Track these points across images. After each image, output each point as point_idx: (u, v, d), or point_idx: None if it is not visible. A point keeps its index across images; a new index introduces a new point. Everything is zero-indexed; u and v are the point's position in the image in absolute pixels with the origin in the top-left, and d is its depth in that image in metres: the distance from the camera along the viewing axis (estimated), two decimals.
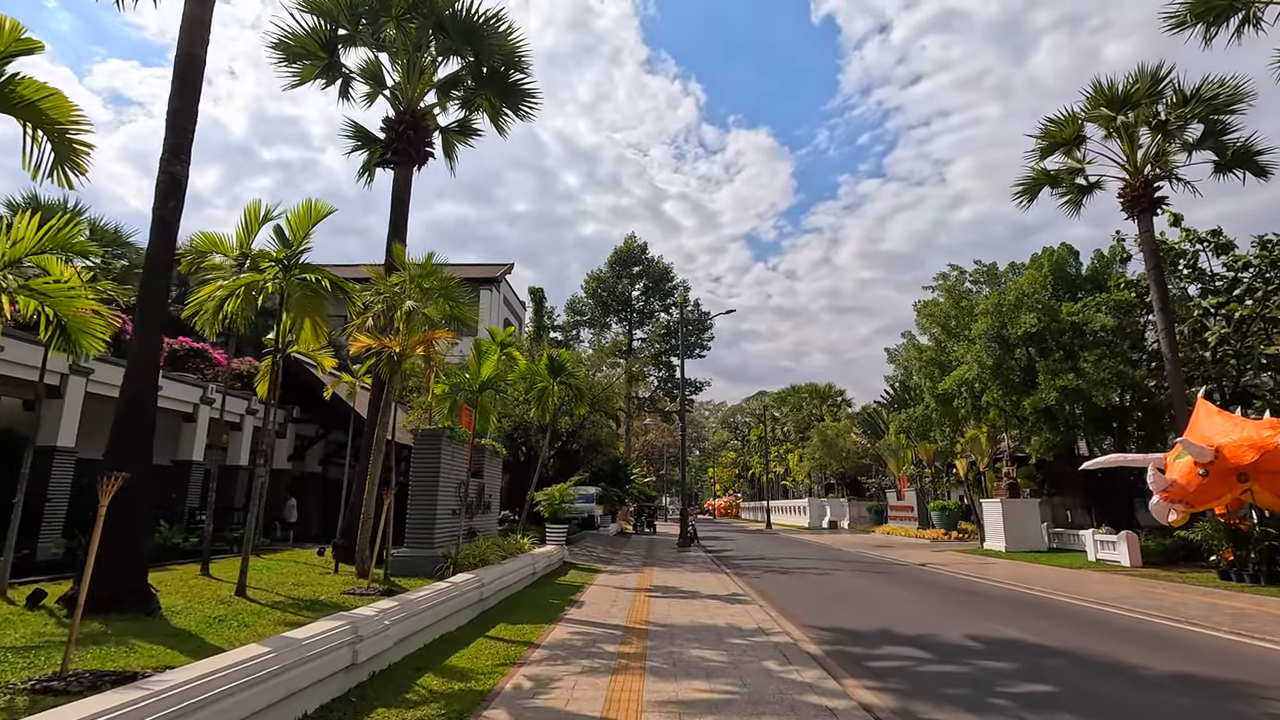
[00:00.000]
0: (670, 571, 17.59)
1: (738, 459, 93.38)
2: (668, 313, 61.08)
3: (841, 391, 64.19)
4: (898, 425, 28.98)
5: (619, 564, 19.66)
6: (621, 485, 42.82)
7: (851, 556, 24.34)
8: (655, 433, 75.63)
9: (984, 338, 21.66)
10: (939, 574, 18.02)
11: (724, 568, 19.26)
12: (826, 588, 15.07)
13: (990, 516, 25.62)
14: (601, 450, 28.13)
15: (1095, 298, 22.03)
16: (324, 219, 9.47)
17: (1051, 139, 21.15)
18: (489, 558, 11.86)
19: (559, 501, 18.33)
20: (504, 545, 13.56)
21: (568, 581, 14.83)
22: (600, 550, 23.83)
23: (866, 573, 18.34)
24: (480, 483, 14.27)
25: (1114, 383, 19.53)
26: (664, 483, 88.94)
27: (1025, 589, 14.65)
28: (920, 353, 25.70)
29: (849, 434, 50.69)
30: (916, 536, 34.76)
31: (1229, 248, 22.56)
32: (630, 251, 61.53)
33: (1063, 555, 22.41)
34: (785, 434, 66.02)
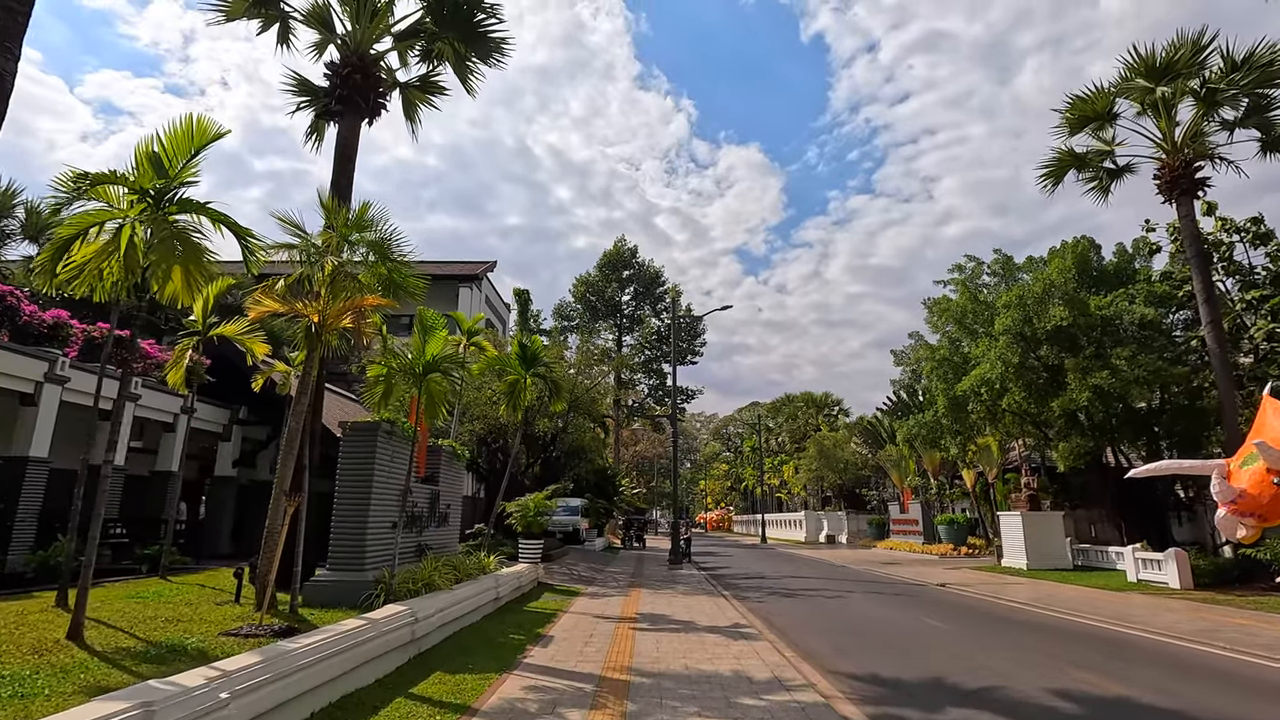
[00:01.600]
0: (660, 594, 15.30)
1: (730, 470, 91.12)
2: (658, 318, 58.91)
3: (839, 401, 62.17)
4: (905, 432, 26.85)
5: (602, 584, 17.34)
6: (609, 497, 40.39)
7: (859, 575, 22.09)
8: (645, 443, 73.20)
9: (1008, 333, 19.60)
10: (967, 597, 15.81)
11: (721, 589, 16.98)
12: (844, 616, 12.82)
13: (1009, 531, 23.47)
14: (585, 458, 25.79)
15: (1127, 289, 20.06)
16: (211, 143, 7.25)
17: (1081, 113, 19.23)
18: (436, 582, 9.56)
19: (534, 513, 16.04)
20: (460, 565, 11.25)
21: (539, 608, 12.51)
22: (583, 568, 21.48)
23: (884, 595, 16.10)
24: (434, 490, 11.99)
25: (1152, 381, 17.49)
26: (654, 495, 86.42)
27: (1077, 617, 12.45)
28: (933, 352, 23.62)
29: (848, 444, 48.55)
30: (923, 552, 32.56)
31: (1269, 237, 20.68)
32: (620, 255, 59.45)
33: (1092, 574, 20.26)
34: (780, 444, 63.85)
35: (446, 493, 12.88)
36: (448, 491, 12.95)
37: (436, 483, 12.35)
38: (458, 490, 13.63)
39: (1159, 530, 21.91)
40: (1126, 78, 19.00)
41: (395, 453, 9.89)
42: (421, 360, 9.06)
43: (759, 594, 16.27)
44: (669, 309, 58.40)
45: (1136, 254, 23.64)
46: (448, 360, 9.25)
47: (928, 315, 26.06)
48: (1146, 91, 18.52)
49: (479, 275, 35.55)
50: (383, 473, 9.62)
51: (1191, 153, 18.69)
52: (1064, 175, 20.76)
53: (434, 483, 12.31)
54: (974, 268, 23.35)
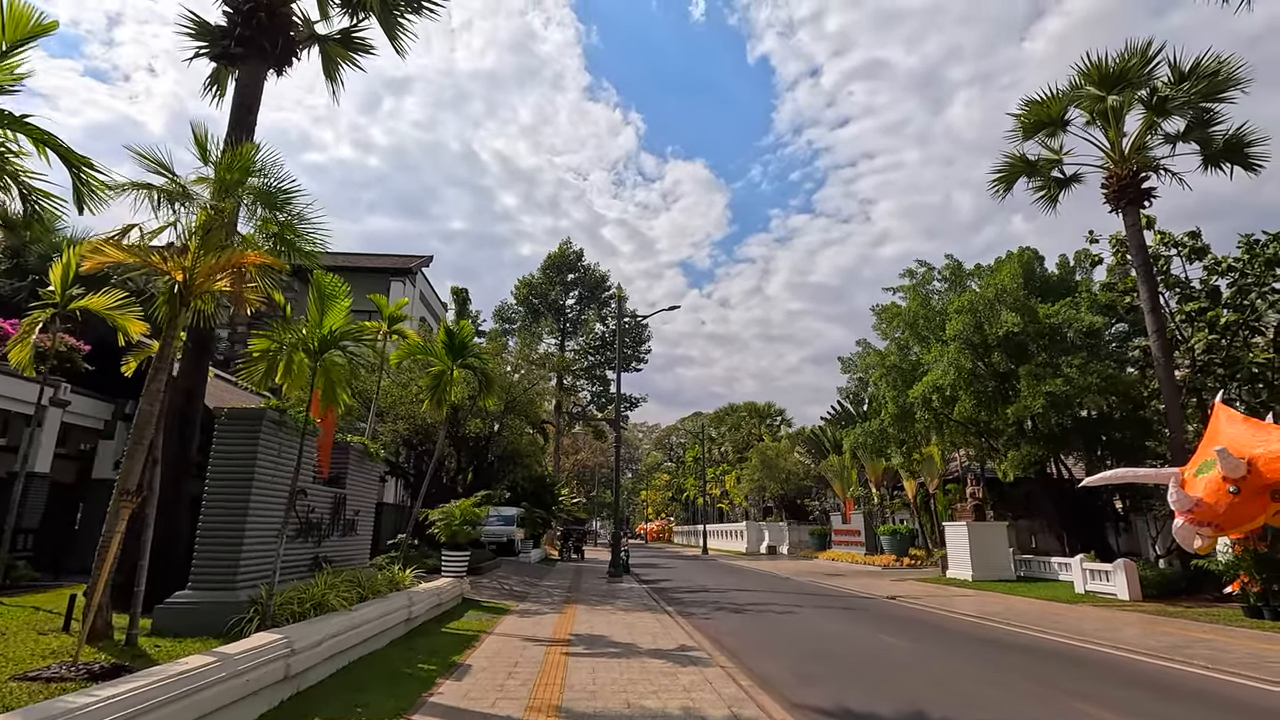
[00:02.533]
0: (598, 611, 13.93)
1: (672, 481, 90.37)
2: (603, 323, 57.58)
3: (781, 411, 62.20)
4: (851, 440, 26.34)
5: (536, 600, 15.84)
6: (547, 506, 38.66)
7: (805, 587, 21.25)
8: (587, 451, 71.54)
9: (959, 339, 19.21)
10: (920, 611, 15.05)
11: (664, 605, 15.74)
12: (799, 634, 11.76)
13: (955, 542, 23.12)
14: (522, 464, 24.17)
15: (1072, 299, 20.00)
16: (36, 38, 5.62)
17: (1037, 117, 19.08)
18: (330, 602, 7.97)
19: (460, 521, 14.44)
20: (367, 581, 9.64)
21: (460, 629, 10.98)
22: (515, 582, 19.88)
23: (835, 609, 15.19)
24: (338, 494, 10.34)
25: (1105, 388, 17.30)
26: (595, 505, 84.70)
27: (1039, 632, 11.75)
28: (882, 358, 23.16)
29: (790, 454, 48.27)
30: (865, 563, 32.18)
31: (1205, 252, 21.03)
32: (565, 257, 57.95)
33: (1036, 585, 19.97)
34: (723, 454, 63.35)
35: (356, 497, 11.20)
36: (357, 496, 11.28)
37: (343, 485, 10.69)
38: (371, 495, 11.96)
39: (1099, 541, 21.92)
40: (1078, 85, 18.98)
41: (285, 447, 8.25)
42: (317, 334, 7.51)
43: (705, 609, 15.11)
44: (614, 314, 57.30)
45: (1078, 266, 23.83)
46: (349, 336, 7.72)
47: (876, 322, 25.71)
48: (1097, 99, 18.51)
49: (413, 269, 33.44)
50: (267, 470, 7.98)
51: (1137, 164, 18.76)
52: (1015, 181, 20.63)
53: (339, 485, 10.65)
54: (925, 273, 23.06)
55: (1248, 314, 18.99)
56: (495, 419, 20.46)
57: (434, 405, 13.23)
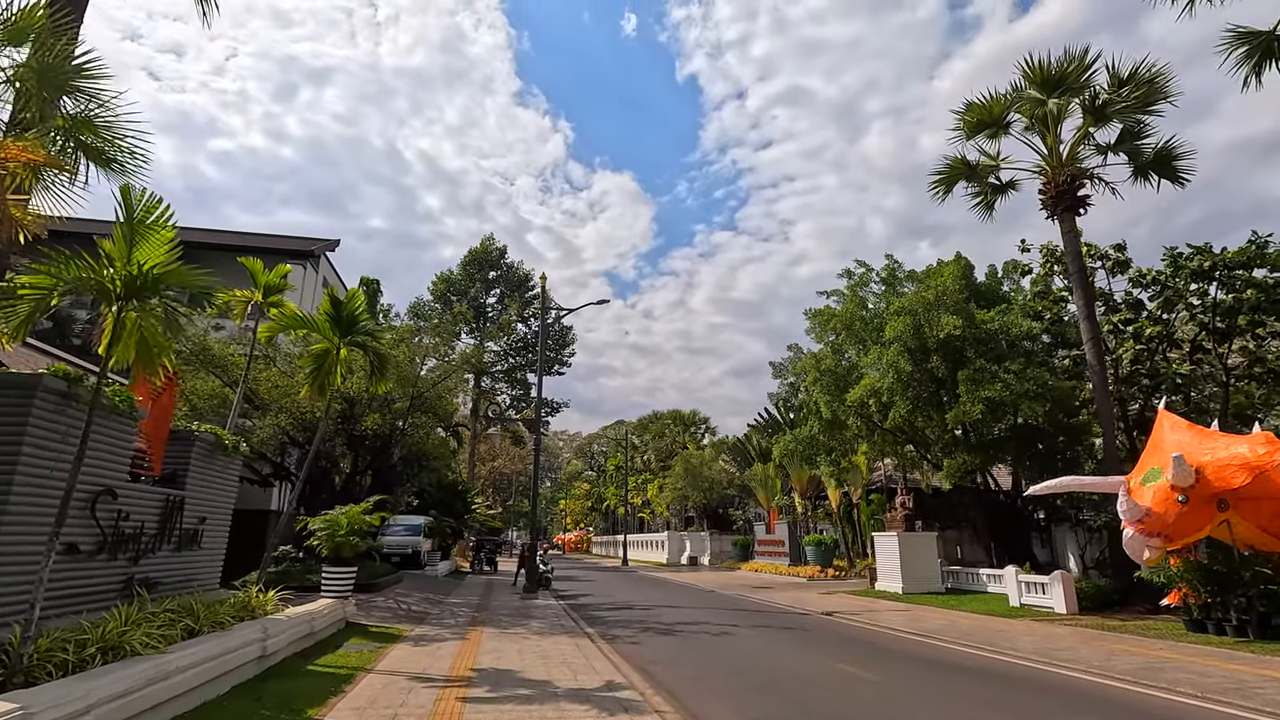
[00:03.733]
0: (509, 636, 12.00)
1: (592, 490, 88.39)
2: (525, 324, 55.17)
3: (706, 419, 61.56)
4: (782, 448, 25.43)
5: (436, 621, 13.71)
6: (459, 515, 36.03)
7: (735, 602, 19.95)
8: (504, 458, 68.62)
9: (899, 341, 18.48)
10: (863, 630, 13.92)
11: (584, 625, 13.96)
12: (741, 661, 10.26)
13: (885, 552, 22.46)
14: (430, 467, 21.77)
15: (1008, 305, 19.73)
16: None
17: (979, 117, 18.70)
18: (129, 644, 5.79)
19: (346, 531, 12.17)
20: (203, 610, 7.42)
21: (332, 666, 8.83)
22: (416, 599, 17.57)
23: (773, 629, 13.85)
24: (170, 496, 8.03)
25: (1042, 395, 16.88)
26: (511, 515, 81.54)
27: (999, 655, 10.74)
28: (816, 361, 22.30)
29: (715, 462, 47.42)
30: (790, 574, 31.40)
31: (1128, 265, 21.31)
32: (487, 254, 55.29)
33: (966, 598, 19.45)
34: (646, 463, 62.04)
35: (200, 501, 8.87)
36: (203, 500, 8.94)
37: (181, 485, 8.37)
38: (224, 499, 9.61)
39: (1026, 551, 21.74)
40: (1019, 89, 18.76)
41: (68, 430, 6.01)
42: (122, 270, 5.36)
43: (630, 631, 13.43)
44: (537, 312, 55.00)
45: (1006, 275, 23.82)
46: (176, 281, 5.59)
47: (809, 325, 24.89)
48: (1038, 103, 18.29)
49: (314, 252, 30.24)
50: (41, 459, 5.74)
51: (1072, 172, 18.66)
52: (955, 184, 20.25)
53: (176, 485, 8.34)
54: (863, 274, 22.41)
55: (1169, 326, 19.22)
56: (399, 416, 18.11)
57: (315, 391, 10.98)
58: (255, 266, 11.68)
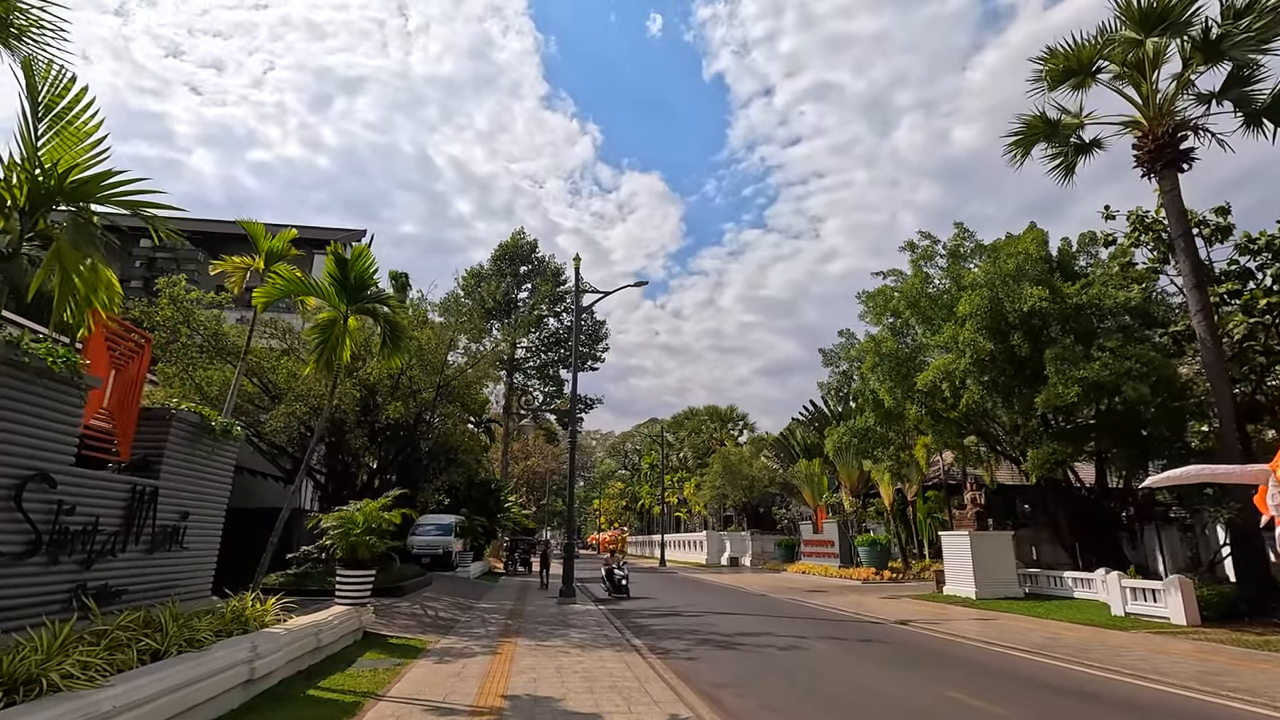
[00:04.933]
0: (546, 649, 10.45)
1: (626, 489, 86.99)
2: (557, 318, 53.89)
3: (744, 416, 59.51)
4: (835, 440, 23.48)
5: (464, 632, 12.24)
6: (491, 514, 34.79)
7: (790, 608, 18.16)
8: (537, 457, 67.45)
9: (975, 317, 16.48)
10: (949, 641, 12.04)
11: (630, 635, 12.35)
12: (825, 685, 8.53)
13: (954, 553, 20.42)
14: (459, 461, 20.38)
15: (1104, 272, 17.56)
16: None
17: (1064, 64, 16.57)
18: (48, 675, 4.35)
19: (362, 530, 10.77)
20: (173, 626, 6.00)
21: (337, 690, 7.37)
22: (444, 604, 16.17)
23: (846, 641, 12.06)
24: (140, 486, 6.64)
25: (1145, 375, 14.76)
26: (545, 514, 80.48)
27: (1136, 679, 8.81)
28: (876, 345, 20.32)
29: (755, 459, 45.44)
30: (842, 576, 29.39)
31: (1230, 231, 18.93)
32: (518, 248, 54.14)
33: (1052, 604, 17.34)
34: (682, 460, 60.28)
35: (182, 493, 7.48)
36: (186, 491, 7.55)
37: (155, 474, 7.00)
38: (216, 491, 8.22)
39: (1114, 552, 19.51)
40: (1108, 31, 16.59)
41: None
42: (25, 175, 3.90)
43: (683, 643, 11.77)
44: (570, 310, 53.69)
45: (1082, 250, 21.51)
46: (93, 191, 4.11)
47: (863, 308, 22.94)
48: (1133, 44, 16.10)
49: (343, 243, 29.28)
50: None
51: (1172, 124, 16.45)
52: (1033, 144, 18.09)
53: (149, 473, 6.96)
54: (926, 247, 20.34)
55: None
56: (425, 407, 16.72)
57: (322, 367, 9.59)
58: (256, 230, 10.35)
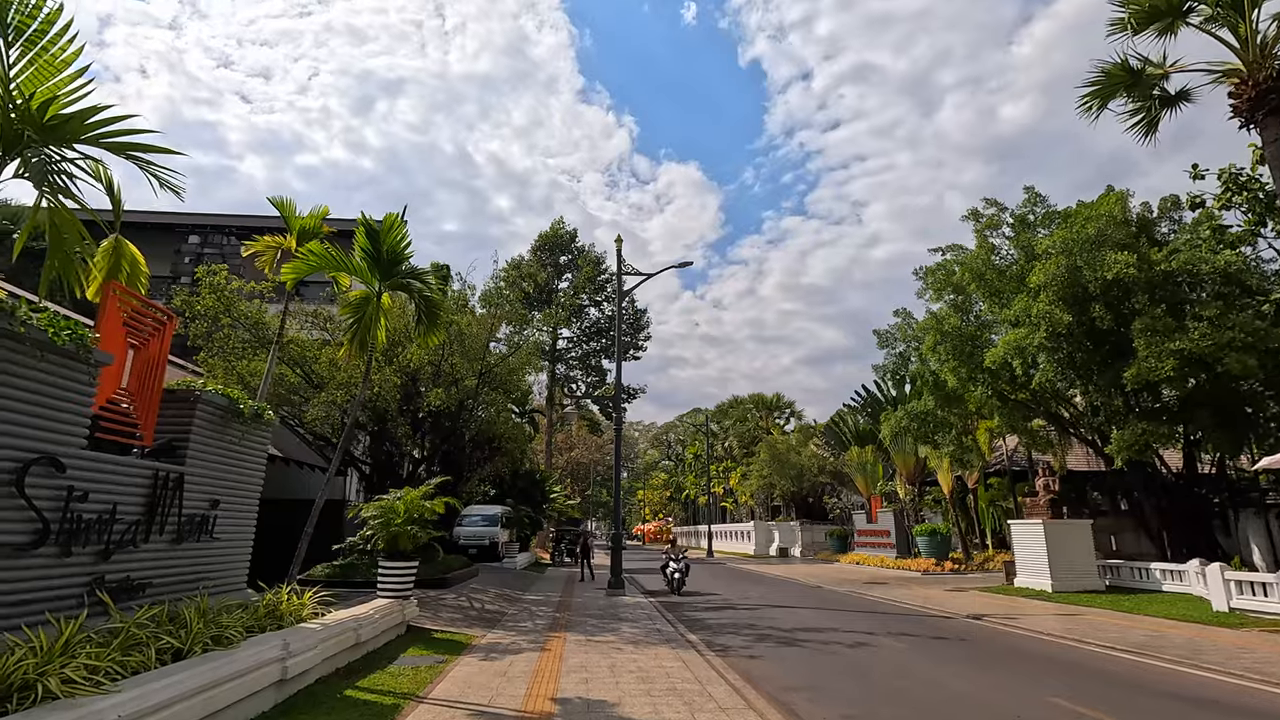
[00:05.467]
0: (597, 644, 9.83)
1: (670, 480, 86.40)
2: (598, 308, 53.42)
3: (790, 403, 58.06)
4: (893, 425, 22.30)
5: (511, 626, 11.73)
6: (537, 504, 34.60)
7: (849, 600, 17.22)
8: (581, 448, 67.41)
9: (1051, 287, 15.17)
10: (1035, 639, 10.99)
11: (684, 630, 11.66)
12: (910, 689, 7.68)
13: (1026, 543, 19.11)
14: (503, 450, 19.96)
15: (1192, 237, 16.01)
16: None
17: (1150, 5, 15.05)
18: (47, 685, 3.86)
19: (403, 520, 10.33)
20: (198, 622, 5.54)
21: (376, 690, 6.87)
22: (490, 596, 15.76)
23: (920, 638, 11.12)
24: (163, 472, 6.20)
25: (1252, 346, 13.31)
26: (590, 505, 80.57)
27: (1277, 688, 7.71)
28: (938, 322, 19.08)
29: (804, 447, 44.20)
30: (899, 567, 28.17)
31: None
32: (558, 237, 53.82)
33: (1140, 598, 15.98)
34: (727, 449, 59.29)
35: (210, 480, 7.06)
36: (215, 478, 7.12)
37: (181, 459, 6.57)
38: (248, 479, 7.78)
39: (1207, 543, 17.98)
40: None
41: None
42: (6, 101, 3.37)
43: (742, 639, 11.01)
44: (611, 299, 53.16)
45: (1163, 215, 19.79)
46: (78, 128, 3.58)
47: (921, 285, 21.63)
48: None
49: None
50: None
51: (1274, 69, 14.79)
52: (1112, 96, 16.50)
53: (174, 459, 6.54)
54: (993, 215, 18.93)
55: None
56: (468, 395, 16.28)
57: (355, 348, 9.12)
58: (288, 208, 9.95)
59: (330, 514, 17.60)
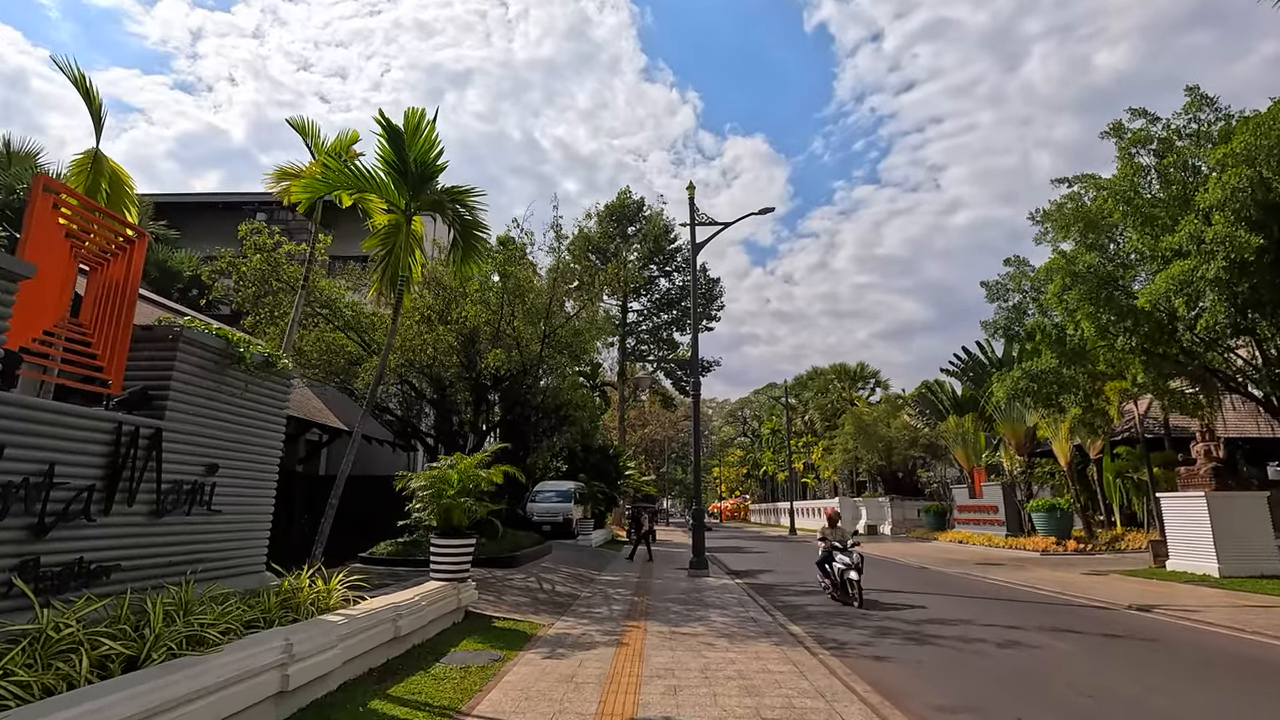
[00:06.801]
0: (683, 638, 8.19)
1: (746, 456, 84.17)
2: (669, 279, 51.52)
3: (876, 372, 54.53)
4: (1009, 386, 19.48)
5: (583, 612, 10.25)
6: (612, 480, 33.39)
7: (968, 585, 14.98)
8: (655, 425, 66.10)
9: (1230, 204, 12.25)
10: (1240, 639, 8.59)
11: (785, 620, 9.88)
12: (1114, 716, 5.65)
13: (1183, 519, 16.21)
14: (571, 419, 18.52)
15: None
16: None
17: None
18: None
19: (456, 492, 8.97)
20: (159, 621, 4.18)
21: (412, 699, 5.44)
22: (561, 577, 14.43)
23: (1085, 635, 8.91)
24: (136, 428, 4.87)
25: None
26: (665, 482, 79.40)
27: None
28: (1069, 262, 16.21)
29: (895, 417, 41.13)
30: (1011, 546, 25.34)
31: None
32: (625, 207, 52.06)
33: None
34: (807, 423, 56.57)
35: (206, 440, 5.73)
36: (210, 437, 5.80)
37: (160, 412, 5.27)
38: (260, 440, 6.44)
39: None
40: None
41: None
42: None
43: (857, 632, 9.13)
44: (682, 268, 51.15)
45: None
46: None
47: (1042, 230, 18.65)
48: None
49: None
50: None
51: None
52: None
53: (153, 411, 5.25)
54: (1140, 130, 15.80)
55: None
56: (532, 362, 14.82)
57: (385, 285, 7.70)
58: (311, 131, 8.59)
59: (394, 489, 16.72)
